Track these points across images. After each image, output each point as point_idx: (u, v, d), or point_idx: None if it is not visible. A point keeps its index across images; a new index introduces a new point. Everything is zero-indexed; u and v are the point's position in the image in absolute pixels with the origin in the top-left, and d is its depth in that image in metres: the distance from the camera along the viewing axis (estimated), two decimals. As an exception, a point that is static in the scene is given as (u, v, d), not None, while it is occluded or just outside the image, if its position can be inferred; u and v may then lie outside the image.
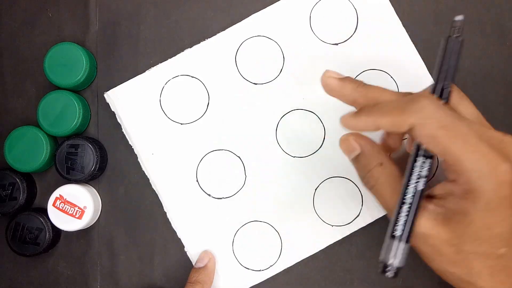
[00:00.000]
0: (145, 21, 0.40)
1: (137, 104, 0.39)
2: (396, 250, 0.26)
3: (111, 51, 0.40)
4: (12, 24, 0.40)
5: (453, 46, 0.27)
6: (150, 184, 0.39)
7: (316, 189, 0.39)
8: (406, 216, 0.26)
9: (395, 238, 0.26)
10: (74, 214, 0.37)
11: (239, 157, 0.39)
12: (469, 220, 0.25)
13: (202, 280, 0.36)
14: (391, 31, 0.39)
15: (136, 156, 0.39)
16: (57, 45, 0.38)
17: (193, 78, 0.39)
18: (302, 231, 0.38)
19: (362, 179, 0.29)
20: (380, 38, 0.39)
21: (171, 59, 0.39)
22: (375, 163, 0.28)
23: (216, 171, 0.39)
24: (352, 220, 0.38)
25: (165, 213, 0.39)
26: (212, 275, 0.38)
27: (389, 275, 0.26)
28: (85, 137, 0.38)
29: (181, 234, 0.39)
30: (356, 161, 0.30)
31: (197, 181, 0.39)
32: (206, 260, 0.37)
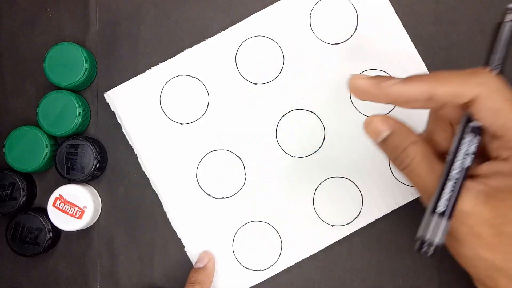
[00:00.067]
0: (145, 21, 0.40)
1: (137, 104, 0.39)
2: (437, 227, 0.25)
3: (111, 51, 0.40)
4: (12, 24, 0.40)
5: (505, 31, 0.28)
6: (150, 184, 0.39)
7: (316, 189, 0.39)
8: (451, 192, 0.25)
9: (437, 214, 0.25)
10: (74, 214, 0.37)
11: (239, 157, 0.39)
12: None
13: (202, 281, 0.36)
14: (391, 31, 0.39)
15: (136, 156, 0.39)
16: (57, 45, 0.38)
17: (193, 78, 0.39)
18: (302, 231, 0.38)
19: (395, 161, 0.28)
20: (380, 38, 0.39)
21: (171, 59, 0.39)
22: (409, 142, 0.27)
23: (216, 171, 0.39)
24: (352, 220, 0.38)
25: (165, 213, 0.39)
26: (212, 276, 0.38)
27: (429, 252, 0.25)
28: (85, 137, 0.38)
29: (181, 234, 0.39)
30: (386, 143, 0.28)
31: (197, 181, 0.39)
32: (206, 261, 0.37)
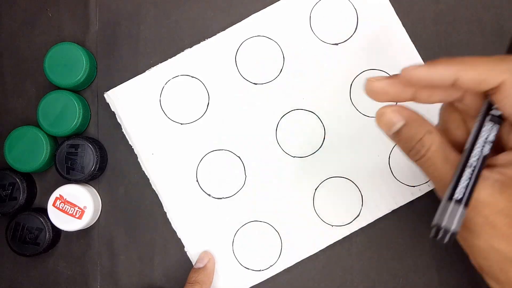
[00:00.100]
0: (145, 21, 0.40)
1: (137, 104, 0.39)
2: (453, 214, 0.25)
3: (111, 51, 0.40)
4: (12, 24, 0.40)
5: None
6: (150, 184, 0.39)
7: (316, 189, 0.39)
8: (468, 180, 0.25)
9: (453, 202, 0.25)
10: (74, 214, 0.37)
11: (239, 157, 0.39)
12: None
13: (201, 281, 0.36)
14: (391, 31, 0.39)
15: (136, 156, 0.39)
16: (57, 45, 0.38)
17: (193, 78, 0.39)
18: (302, 231, 0.38)
19: (409, 152, 0.27)
20: (380, 38, 0.39)
21: (171, 59, 0.39)
22: (424, 131, 0.26)
23: (216, 171, 0.39)
24: (352, 220, 0.38)
25: (165, 213, 0.39)
26: (212, 276, 0.38)
27: (445, 239, 0.25)
28: (85, 137, 0.38)
29: (181, 234, 0.39)
30: (399, 135, 0.27)
31: (197, 181, 0.39)
32: (206, 261, 0.37)
